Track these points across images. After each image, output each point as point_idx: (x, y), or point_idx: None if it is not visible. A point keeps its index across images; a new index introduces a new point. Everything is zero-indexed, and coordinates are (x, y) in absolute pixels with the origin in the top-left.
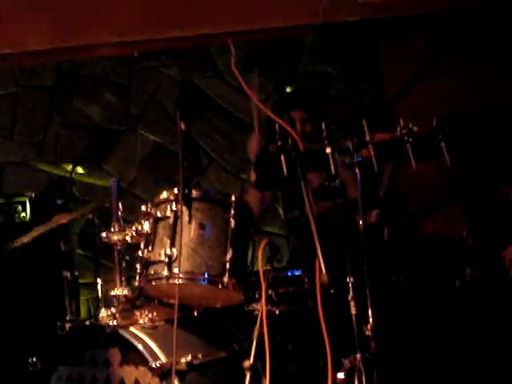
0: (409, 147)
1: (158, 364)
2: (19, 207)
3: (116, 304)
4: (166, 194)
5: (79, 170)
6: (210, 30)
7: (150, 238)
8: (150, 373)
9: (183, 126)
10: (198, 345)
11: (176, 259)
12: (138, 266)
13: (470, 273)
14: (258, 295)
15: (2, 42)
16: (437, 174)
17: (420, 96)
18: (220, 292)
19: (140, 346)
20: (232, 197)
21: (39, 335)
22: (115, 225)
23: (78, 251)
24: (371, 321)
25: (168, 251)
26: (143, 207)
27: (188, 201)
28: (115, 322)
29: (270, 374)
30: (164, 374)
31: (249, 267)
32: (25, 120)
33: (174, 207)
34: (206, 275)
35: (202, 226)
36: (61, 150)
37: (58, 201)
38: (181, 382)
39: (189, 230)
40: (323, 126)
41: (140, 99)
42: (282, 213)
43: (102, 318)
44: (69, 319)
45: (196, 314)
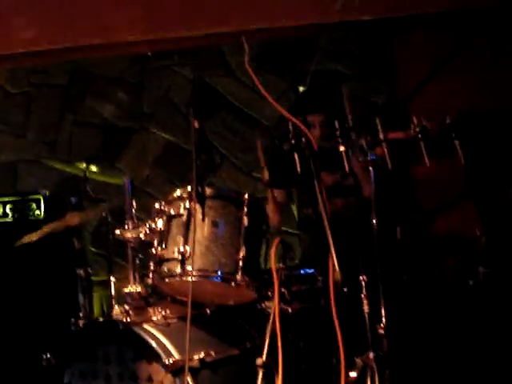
0: (422, 145)
1: (171, 361)
2: (33, 205)
3: (129, 301)
4: (179, 192)
5: (92, 168)
6: (223, 28)
7: (164, 235)
8: (163, 369)
9: (197, 124)
10: (210, 342)
11: (189, 257)
12: (152, 263)
13: (484, 272)
14: (270, 293)
15: (15, 41)
16: (450, 172)
17: (433, 95)
18: (233, 290)
19: (153, 343)
20: (245, 195)
21: (53, 332)
22: (129, 222)
23: (92, 249)
24: (384, 319)
25: (181, 249)
26: (156, 205)
27: (201, 199)
28: (128, 318)
29: (282, 372)
30: (177, 370)
31: (262, 265)
32: (38, 118)
33: (187, 205)
34: (219, 273)
35: (215, 224)
36: (74, 148)
37: (72, 199)
38: (193, 378)
39: (202, 228)
40: (337, 124)
41: (153, 98)
42: (295, 211)
43: (115, 315)
44: (82, 316)
45: (209, 311)
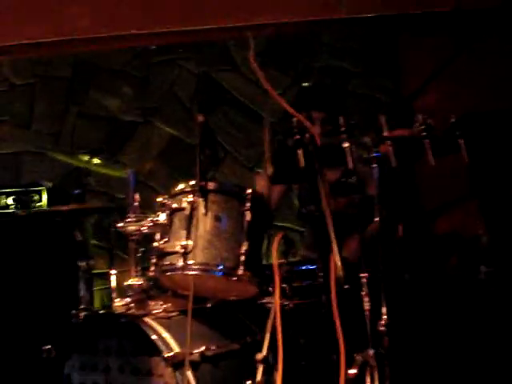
0: (427, 143)
1: (171, 354)
2: (36, 196)
3: (130, 294)
4: (182, 186)
5: (96, 160)
6: (228, 23)
7: (166, 229)
8: (163, 363)
9: (201, 118)
10: (211, 336)
11: (191, 251)
12: (153, 256)
13: (485, 271)
14: (271, 288)
15: (20, 32)
16: (454, 172)
17: (438, 93)
18: (234, 284)
19: (154, 336)
20: (248, 190)
21: (54, 323)
22: (131, 215)
23: (93, 241)
24: (384, 316)
25: (183, 243)
26: (159, 198)
27: (204, 193)
28: (129, 311)
29: (282, 368)
30: (177, 364)
31: (263, 260)
32: (42, 110)
33: (190, 199)
34: (221, 267)
35: (217, 218)
36: (77, 140)
37: (74, 191)
38: (194, 372)
39: (204, 222)
40: (341, 120)
41: (157, 92)
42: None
43: (116, 308)
44: (83, 308)
45: (210, 305)
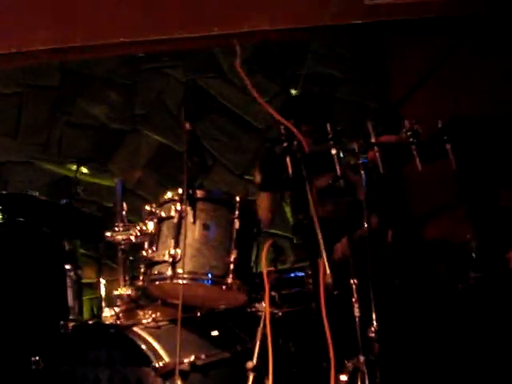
0: (414, 149)
1: (161, 364)
2: None
3: (119, 304)
4: (170, 194)
5: (83, 169)
6: (215, 31)
7: (154, 237)
8: (153, 373)
9: (188, 126)
10: (201, 345)
11: (180, 259)
12: (142, 265)
13: (474, 276)
14: (261, 296)
15: (7, 41)
16: (442, 177)
17: (425, 99)
18: (223, 293)
19: (143, 346)
20: (236, 198)
21: (42, 334)
22: (119, 224)
23: (82, 251)
24: (375, 323)
25: (172, 251)
26: (147, 207)
27: (192, 201)
28: (118, 321)
29: (272, 376)
30: (167, 374)
31: (252, 268)
32: (29, 120)
33: (178, 207)
34: (210, 276)
35: (206, 227)
36: (65, 149)
37: (62, 200)
38: (184, 382)
39: (193, 231)
40: (329, 127)
41: (145, 100)
42: (288, 214)
43: (105, 318)
44: (72, 318)
45: (199, 314)
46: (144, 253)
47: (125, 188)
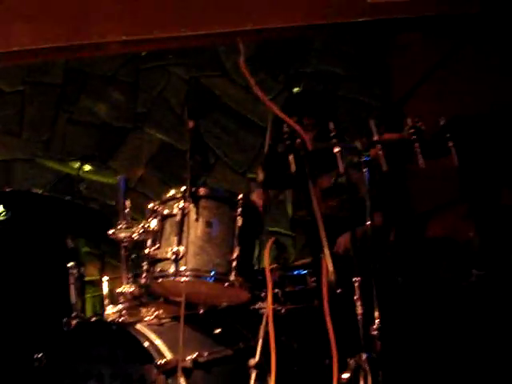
0: (417, 146)
1: (163, 361)
2: None
3: (122, 301)
4: (173, 192)
5: (86, 167)
6: (218, 29)
7: (157, 235)
8: (155, 370)
9: (191, 124)
10: (203, 343)
11: (183, 257)
12: (145, 263)
13: (477, 274)
14: (264, 294)
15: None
16: (444, 175)
17: (428, 97)
18: (226, 290)
19: (146, 343)
20: (239, 195)
21: (45, 331)
22: (122, 222)
23: (85, 248)
24: (377, 321)
25: (175, 249)
26: (150, 205)
27: (195, 199)
28: (121, 318)
29: (275, 373)
30: (170, 371)
31: (255, 266)
32: (32, 117)
33: (181, 205)
34: (213, 273)
35: (209, 224)
36: (68, 147)
37: (65, 198)
38: (186, 379)
39: (196, 228)
40: (331, 125)
41: (147, 98)
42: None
43: (108, 315)
44: (75, 316)
45: (202, 311)
46: (147, 250)
47: (127, 186)
